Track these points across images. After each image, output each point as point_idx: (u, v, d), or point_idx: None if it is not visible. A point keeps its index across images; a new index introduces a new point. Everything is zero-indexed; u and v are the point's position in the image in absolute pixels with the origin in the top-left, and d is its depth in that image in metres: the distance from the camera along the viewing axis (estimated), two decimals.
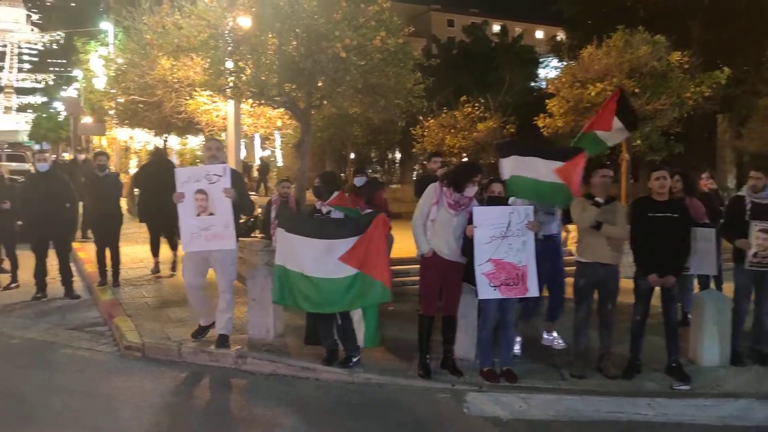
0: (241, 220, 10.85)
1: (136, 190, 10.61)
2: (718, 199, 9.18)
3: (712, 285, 8.19)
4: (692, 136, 18.89)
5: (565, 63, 19.16)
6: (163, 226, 10.08)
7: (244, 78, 9.96)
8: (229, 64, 10.16)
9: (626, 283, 6.51)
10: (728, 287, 7.71)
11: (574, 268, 6.48)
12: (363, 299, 6.06)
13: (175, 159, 27.99)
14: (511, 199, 6.60)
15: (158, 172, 9.70)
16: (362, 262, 5.93)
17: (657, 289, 6.16)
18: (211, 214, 6.43)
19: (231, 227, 6.47)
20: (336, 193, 6.32)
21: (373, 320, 6.59)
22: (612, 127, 8.53)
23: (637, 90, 13.34)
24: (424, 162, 24.89)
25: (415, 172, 28.72)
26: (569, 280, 6.70)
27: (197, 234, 6.44)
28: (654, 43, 13.66)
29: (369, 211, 6.75)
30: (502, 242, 5.86)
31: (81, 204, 10.23)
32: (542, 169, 6.80)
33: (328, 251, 5.97)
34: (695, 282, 8.17)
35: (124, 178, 19.42)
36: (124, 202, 11.27)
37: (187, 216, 6.47)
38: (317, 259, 5.99)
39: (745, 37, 21.63)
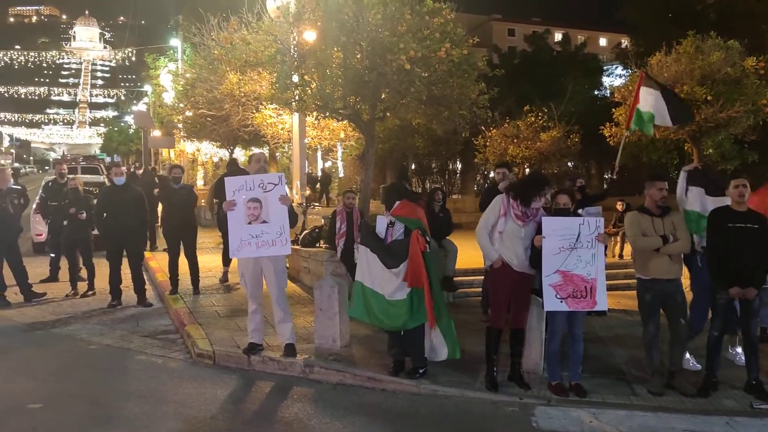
0: (306, 231, 11.04)
1: (216, 200, 10.95)
2: None
3: None
4: (766, 144, 18.18)
5: (631, 71, 18.76)
6: None
7: (310, 91, 10.15)
8: (295, 78, 10.38)
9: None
10: None
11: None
12: (422, 314, 6.06)
13: None
14: (582, 211, 6.50)
15: None
16: (412, 279, 6.00)
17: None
18: (263, 222, 6.51)
19: (285, 234, 6.53)
20: (397, 203, 6.33)
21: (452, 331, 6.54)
22: (640, 98, 9.33)
23: (709, 97, 12.94)
24: (487, 173, 24.72)
25: (476, 184, 28.57)
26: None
27: (248, 241, 6.51)
28: (727, 48, 13.23)
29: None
30: (570, 254, 5.77)
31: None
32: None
33: (394, 277, 6.08)
34: None
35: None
36: None
37: (238, 224, 6.55)
38: (390, 283, 6.08)
39: None
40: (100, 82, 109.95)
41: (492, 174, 8.51)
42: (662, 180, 6.07)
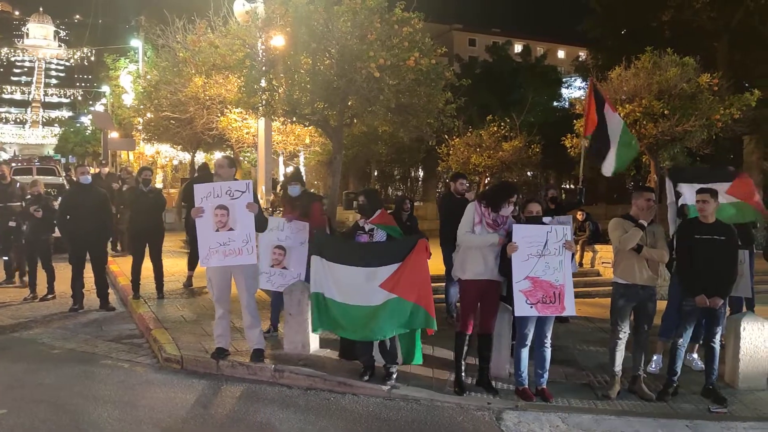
0: None
1: (184, 204, 10.83)
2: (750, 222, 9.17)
3: (745, 308, 8.17)
4: (718, 157, 18.86)
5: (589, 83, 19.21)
6: None
7: (278, 96, 10.14)
8: (263, 83, 10.36)
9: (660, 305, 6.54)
10: (758, 310, 7.73)
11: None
12: (406, 325, 6.07)
13: None
14: (548, 219, 6.66)
15: None
16: (403, 289, 5.98)
17: None
18: (230, 229, 6.47)
19: (251, 242, 6.48)
20: (379, 211, 6.41)
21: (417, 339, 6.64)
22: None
23: (666, 112, 13.36)
24: (449, 181, 25.10)
25: (438, 191, 28.84)
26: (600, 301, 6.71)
27: (215, 249, 6.47)
28: (683, 65, 13.70)
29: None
30: (539, 260, 5.92)
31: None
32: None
33: (369, 279, 6.07)
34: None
35: None
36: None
37: (206, 231, 6.51)
38: (358, 286, 6.09)
39: None
40: (54, 81, 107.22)
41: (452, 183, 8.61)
42: (651, 191, 6.35)
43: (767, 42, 21.50)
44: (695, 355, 7.20)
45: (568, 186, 29.98)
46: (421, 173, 29.69)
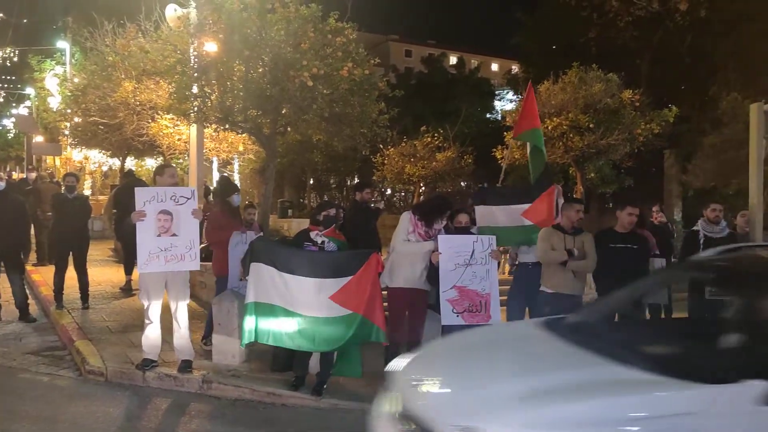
0: (203, 244, 10.83)
1: (114, 210, 10.56)
2: (668, 232, 9.60)
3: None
4: (641, 170, 19.63)
5: (521, 96, 19.74)
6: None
7: (210, 103, 10.02)
8: (195, 89, 10.21)
9: None
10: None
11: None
12: (357, 339, 6.06)
13: None
14: (475, 229, 6.82)
15: (131, 193, 9.63)
16: (358, 304, 5.94)
17: None
18: (173, 235, 6.40)
19: (195, 249, 6.45)
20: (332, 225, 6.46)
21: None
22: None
23: (591, 125, 13.87)
24: (354, 190, 25.40)
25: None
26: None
27: (156, 254, 6.37)
28: (607, 80, 14.25)
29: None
30: (466, 270, 6.06)
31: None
32: (508, 217, 7.06)
33: (319, 290, 5.99)
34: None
35: None
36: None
37: (147, 236, 6.39)
38: (308, 296, 6.00)
39: (689, 78, 22.69)
40: None
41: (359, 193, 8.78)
42: (581, 203, 6.60)
43: (685, 61, 22.63)
44: None
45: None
46: (357, 182, 29.72)
